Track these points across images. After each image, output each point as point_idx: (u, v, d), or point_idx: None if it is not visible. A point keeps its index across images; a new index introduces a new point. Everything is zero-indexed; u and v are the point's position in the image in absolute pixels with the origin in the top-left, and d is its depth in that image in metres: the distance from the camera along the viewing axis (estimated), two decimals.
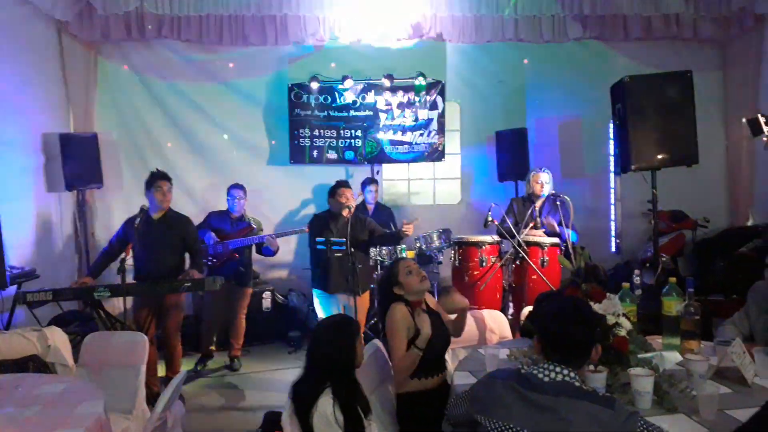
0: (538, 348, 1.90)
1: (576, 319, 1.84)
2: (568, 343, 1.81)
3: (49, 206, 5.64)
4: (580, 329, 1.81)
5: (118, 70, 6.39)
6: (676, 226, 6.39)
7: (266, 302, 5.83)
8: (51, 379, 2.71)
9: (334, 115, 6.53)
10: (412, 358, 2.68)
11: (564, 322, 1.83)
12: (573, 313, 1.86)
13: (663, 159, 4.33)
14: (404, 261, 2.94)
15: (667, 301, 2.76)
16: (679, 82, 4.34)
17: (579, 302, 1.96)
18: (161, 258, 4.21)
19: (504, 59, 6.74)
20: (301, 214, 6.51)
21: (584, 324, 1.83)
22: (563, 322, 1.83)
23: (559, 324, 1.83)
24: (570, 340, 1.81)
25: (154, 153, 6.43)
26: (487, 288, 4.69)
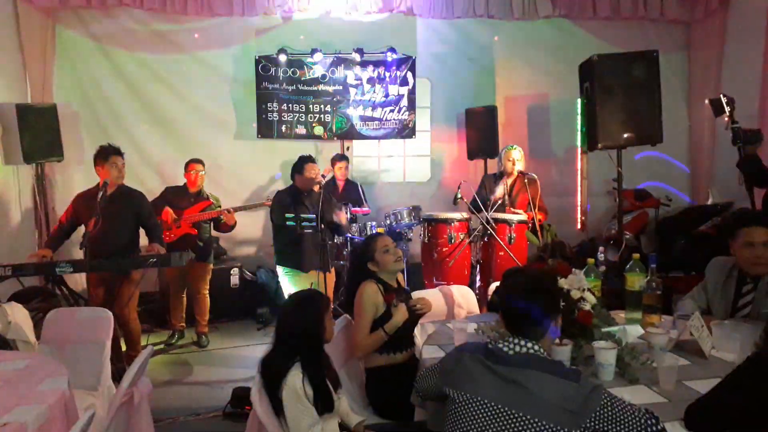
0: (502, 322, 1.93)
1: (529, 290, 1.86)
2: (521, 314, 1.83)
3: (6, 180, 5.44)
4: (533, 301, 1.83)
5: (78, 39, 6.14)
6: (640, 204, 6.53)
7: (234, 279, 5.78)
8: (12, 355, 2.64)
9: (303, 89, 6.43)
10: (376, 339, 2.71)
11: (518, 295, 1.86)
12: (526, 286, 1.88)
13: (629, 138, 4.40)
14: (383, 238, 2.92)
15: (630, 277, 2.84)
16: (645, 62, 4.40)
17: (535, 275, 1.98)
18: (114, 234, 4.10)
19: (474, 36, 6.73)
20: (269, 189, 6.41)
21: (538, 295, 1.84)
22: (517, 295, 1.86)
23: (514, 297, 1.86)
24: (523, 312, 1.83)
25: (116, 126, 6.24)
26: (456, 264, 4.73)
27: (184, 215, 4.98)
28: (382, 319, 2.75)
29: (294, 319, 2.22)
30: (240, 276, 5.81)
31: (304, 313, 2.21)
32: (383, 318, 2.75)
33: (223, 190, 6.04)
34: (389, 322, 2.72)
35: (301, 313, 2.21)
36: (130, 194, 4.33)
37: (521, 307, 1.83)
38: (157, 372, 4.48)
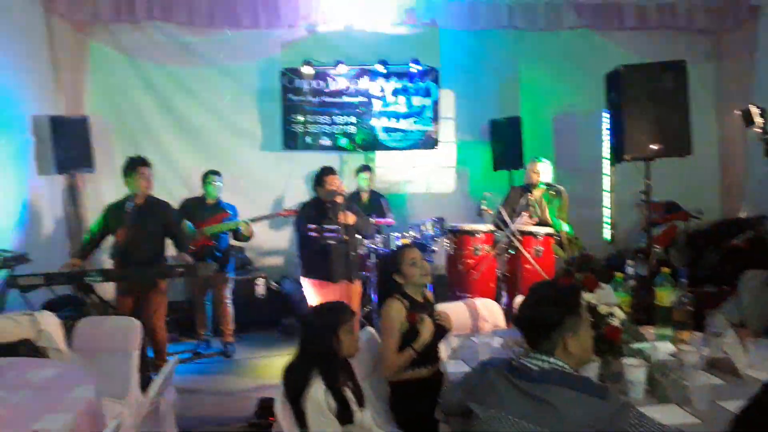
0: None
1: (538, 299, 1.83)
2: (527, 324, 1.80)
3: (39, 190, 5.57)
4: (539, 311, 1.79)
5: (109, 52, 6.28)
6: (669, 216, 6.42)
7: (259, 289, 5.81)
8: (43, 363, 2.70)
9: (327, 100, 6.49)
10: (406, 358, 2.68)
11: (526, 305, 1.83)
12: (537, 294, 1.85)
13: (657, 149, 4.32)
14: (411, 250, 2.90)
15: (660, 292, 2.78)
16: (673, 72, 4.34)
17: (547, 284, 1.95)
18: (141, 244, 4.17)
19: (498, 47, 6.70)
20: (294, 200, 6.46)
21: (545, 306, 1.79)
22: (525, 305, 1.83)
23: (522, 307, 1.84)
24: (529, 322, 1.80)
25: (146, 137, 6.36)
26: (481, 277, 4.70)
27: (203, 227, 5.03)
28: (408, 335, 2.72)
29: (313, 329, 2.22)
30: (265, 286, 5.84)
31: (323, 324, 2.22)
32: (409, 334, 2.72)
33: (249, 201, 6.13)
34: (417, 340, 2.69)
35: (320, 325, 2.22)
36: (157, 204, 4.40)
37: (526, 317, 1.80)
38: (184, 381, 4.52)
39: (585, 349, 1.80)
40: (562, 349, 1.75)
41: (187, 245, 4.41)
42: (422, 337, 2.68)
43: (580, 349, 1.76)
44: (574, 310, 1.77)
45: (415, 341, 2.68)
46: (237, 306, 5.40)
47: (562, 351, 1.75)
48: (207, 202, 5.17)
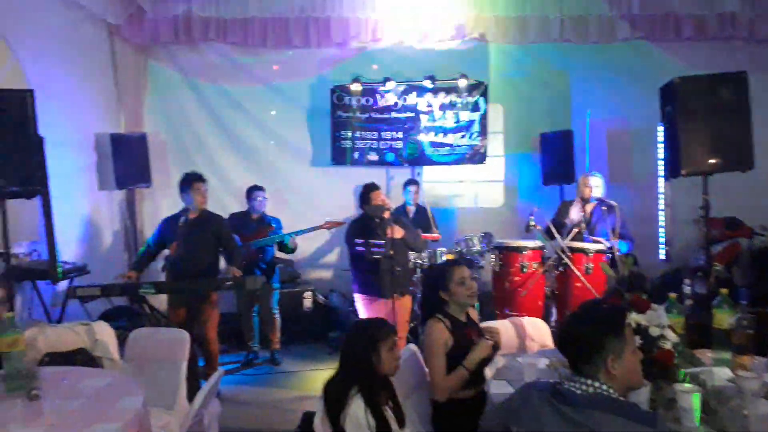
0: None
1: (581, 320, 1.76)
2: (572, 346, 1.74)
3: (100, 204, 5.83)
4: (582, 331, 1.73)
5: (167, 72, 6.55)
6: (730, 233, 6.12)
7: (307, 302, 5.88)
8: (96, 372, 2.79)
9: (375, 116, 6.54)
10: (458, 378, 2.62)
11: (567, 325, 1.77)
12: (578, 316, 1.79)
13: (715, 164, 4.14)
14: (461, 269, 2.83)
15: (719, 314, 2.65)
16: (733, 84, 4.15)
17: (590, 305, 1.88)
18: (196, 257, 4.29)
19: (549, 60, 6.62)
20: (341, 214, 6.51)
21: (587, 326, 1.73)
22: (567, 325, 1.77)
23: (564, 328, 1.78)
24: (573, 343, 1.74)
25: (200, 153, 6.58)
26: (529, 294, 4.59)
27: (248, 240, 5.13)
28: (453, 353, 2.67)
29: (353, 346, 2.22)
30: (313, 299, 5.90)
31: (363, 340, 2.21)
32: (455, 353, 2.67)
33: (298, 215, 6.22)
34: (468, 357, 2.62)
35: (361, 341, 2.21)
36: (212, 218, 4.52)
37: (567, 339, 1.74)
38: (231, 392, 4.60)
39: (631, 373, 1.73)
40: (605, 372, 1.68)
41: (239, 259, 4.49)
42: (473, 354, 2.62)
43: (625, 372, 1.69)
44: (617, 331, 1.71)
45: (465, 359, 2.62)
46: (284, 318, 5.50)
47: (605, 375, 1.68)
48: (252, 217, 5.28)
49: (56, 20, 5.16)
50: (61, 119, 5.17)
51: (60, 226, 4.92)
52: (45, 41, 4.96)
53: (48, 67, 4.98)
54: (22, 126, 3.56)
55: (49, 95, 4.92)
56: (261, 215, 5.34)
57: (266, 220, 5.36)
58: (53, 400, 2.23)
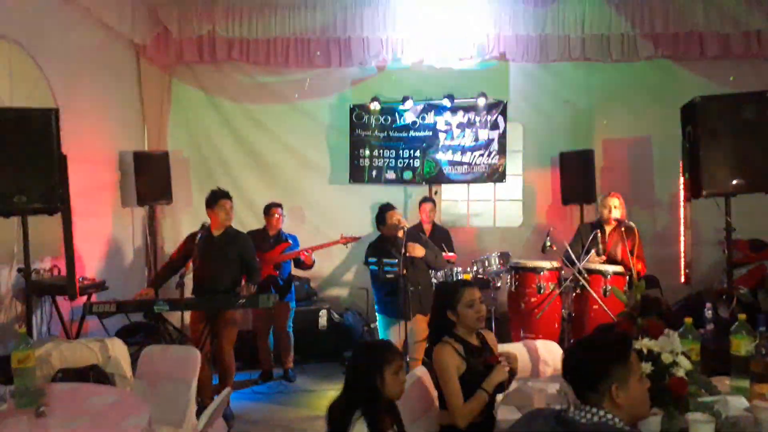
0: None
1: (586, 348, 1.73)
2: (575, 374, 1.70)
3: (123, 221, 5.95)
4: (586, 359, 1.69)
5: (190, 91, 6.68)
6: (755, 256, 5.96)
7: (322, 320, 5.87)
8: (104, 390, 2.81)
9: (393, 135, 6.56)
10: (478, 402, 2.54)
11: (571, 353, 1.73)
12: (582, 344, 1.76)
13: (738, 184, 4.04)
14: (471, 291, 2.74)
15: (736, 340, 2.56)
16: (755, 103, 4.06)
17: (596, 332, 1.83)
18: (220, 274, 4.32)
19: (570, 79, 6.58)
20: (358, 231, 6.54)
21: (591, 354, 1.69)
22: (571, 353, 1.73)
23: (568, 356, 1.73)
24: (577, 371, 1.70)
25: (222, 171, 6.66)
26: (545, 316, 4.51)
27: (266, 258, 5.16)
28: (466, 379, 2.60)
29: (358, 369, 2.19)
30: (328, 318, 5.89)
31: (368, 363, 2.18)
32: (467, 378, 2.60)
33: (316, 232, 6.26)
34: (487, 380, 2.55)
35: (365, 364, 2.19)
36: (236, 236, 4.53)
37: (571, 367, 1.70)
38: (243, 411, 4.60)
39: (637, 402, 1.68)
40: (609, 401, 1.63)
41: (257, 279, 4.49)
42: (493, 378, 2.55)
43: (630, 401, 1.64)
44: (622, 359, 1.66)
45: (484, 382, 2.55)
46: (300, 336, 5.51)
47: (610, 403, 1.64)
48: (269, 234, 5.31)
49: (85, 40, 5.32)
50: (87, 137, 5.31)
51: (82, 242, 5.04)
52: (73, 60, 5.11)
53: (75, 86, 5.12)
54: (46, 144, 3.65)
55: (76, 113, 5.07)
56: (278, 232, 5.37)
57: (283, 236, 5.39)
58: (60, 417, 2.25)
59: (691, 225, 6.13)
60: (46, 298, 4.47)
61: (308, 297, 6.13)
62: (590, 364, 1.67)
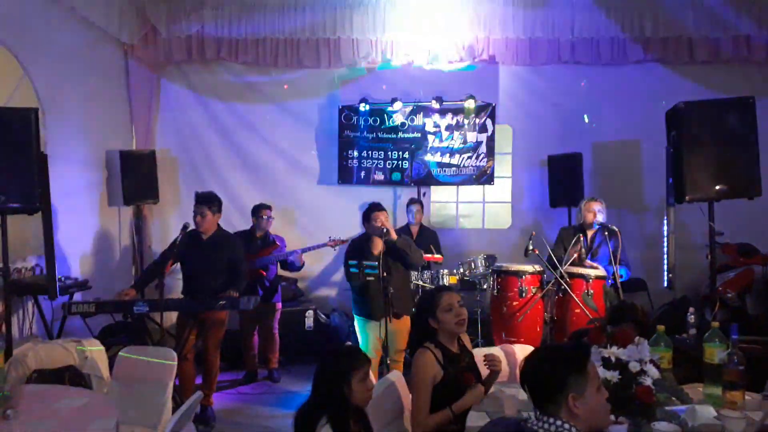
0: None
1: (543, 358, 1.72)
2: (532, 384, 1.71)
3: (109, 220, 5.93)
4: (542, 369, 1.69)
5: (179, 90, 6.66)
6: (744, 260, 5.97)
7: (309, 321, 5.85)
8: (75, 392, 2.80)
9: (382, 136, 6.56)
10: (441, 420, 2.54)
11: (528, 363, 1.73)
12: (539, 353, 1.77)
13: (720, 190, 4.04)
14: (449, 295, 2.75)
15: (709, 348, 2.56)
16: (739, 109, 4.06)
17: (567, 343, 1.83)
18: (208, 277, 4.28)
19: (560, 81, 6.58)
20: (347, 233, 6.53)
21: (548, 364, 1.69)
22: (528, 363, 1.73)
23: (525, 366, 1.73)
24: (534, 380, 1.70)
25: (210, 171, 6.65)
26: (527, 320, 4.50)
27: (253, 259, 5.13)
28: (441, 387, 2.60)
29: (325, 374, 2.18)
30: (314, 318, 5.87)
31: (335, 369, 2.17)
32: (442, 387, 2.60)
33: (305, 233, 6.26)
34: (459, 402, 2.54)
35: (332, 370, 2.17)
36: (225, 239, 4.47)
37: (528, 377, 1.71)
38: (227, 411, 4.59)
39: (595, 412, 1.67)
40: (567, 411, 1.63)
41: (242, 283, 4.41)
42: (465, 400, 2.54)
43: (587, 411, 1.64)
44: (578, 369, 1.66)
45: (455, 404, 2.54)
46: (286, 337, 5.49)
47: (567, 413, 1.63)
48: (256, 235, 5.29)
49: (71, 39, 5.30)
50: (74, 137, 5.30)
51: (68, 241, 5.03)
52: (59, 60, 5.09)
53: (61, 86, 5.10)
54: (26, 143, 3.63)
55: (62, 113, 5.06)
56: (265, 234, 5.34)
57: (270, 238, 5.37)
58: (26, 420, 2.24)
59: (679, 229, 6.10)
60: (28, 297, 4.47)
61: (295, 297, 6.12)
62: (546, 374, 1.67)
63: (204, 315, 4.24)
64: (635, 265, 5.48)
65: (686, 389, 2.48)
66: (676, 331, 4.45)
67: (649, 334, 2.63)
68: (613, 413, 1.96)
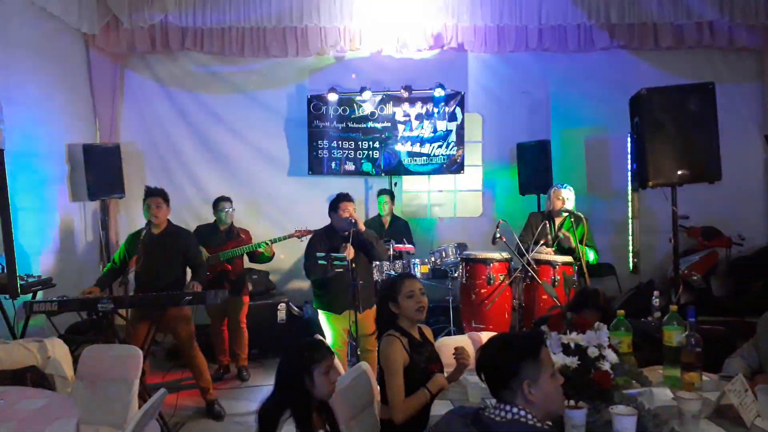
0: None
1: (497, 346, 1.75)
2: (488, 372, 1.73)
3: (72, 215, 5.80)
4: (497, 357, 1.72)
5: (143, 81, 6.53)
6: (708, 243, 6.11)
7: (281, 314, 5.81)
8: (34, 393, 2.75)
9: (352, 126, 6.52)
10: (419, 400, 2.58)
11: (484, 351, 1.75)
12: (494, 341, 1.78)
13: (682, 175, 4.12)
14: (411, 281, 2.79)
15: (668, 331, 2.61)
16: (700, 95, 4.13)
17: (520, 332, 1.86)
18: (161, 272, 4.21)
19: (528, 69, 6.61)
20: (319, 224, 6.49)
21: (502, 352, 1.72)
22: (483, 351, 1.74)
23: (481, 354, 1.75)
24: (489, 368, 1.73)
25: (177, 163, 6.56)
26: (495, 307, 4.54)
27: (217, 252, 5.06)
28: (408, 373, 2.63)
29: (286, 368, 2.17)
30: (287, 311, 5.84)
31: (296, 363, 2.15)
32: (409, 372, 2.63)
33: (275, 225, 6.21)
34: (432, 382, 2.59)
35: (293, 364, 2.16)
36: (177, 233, 4.42)
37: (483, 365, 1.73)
38: (197, 407, 4.54)
39: (550, 398, 1.70)
40: (522, 398, 1.65)
41: (203, 274, 4.40)
42: (436, 383, 2.59)
43: (542, 397, 1.66)
44: (532, 355, 1.68)
45: (429, 382, 2.58)
46: (258, 330, 5.43)
47: (523, 400, 1.65)
48: (220, 228, 5.20)
49: (28, 31, 5.15)
50: (34, 130, 5.16)
51: (30, 238, 4.91)
52: (16, 51, 4.95)
53: (20, 78, 4.97)
54: None
55: (21, 106, 4.93)
56: (229, 226, 5.25)
57: (234, 231, 5.28)
58: None
59: (646, 214, 6.22)
60: None
61: (267, 290, 6.07)
62: (501, 361, 1.69)
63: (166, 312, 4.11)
64: (604, 250, 5.56)
65: (646, 372, 2.53)
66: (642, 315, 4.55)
67: (612, 320, 2.67)
68: (572, 398, 1.99)
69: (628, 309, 2.84)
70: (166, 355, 5.51)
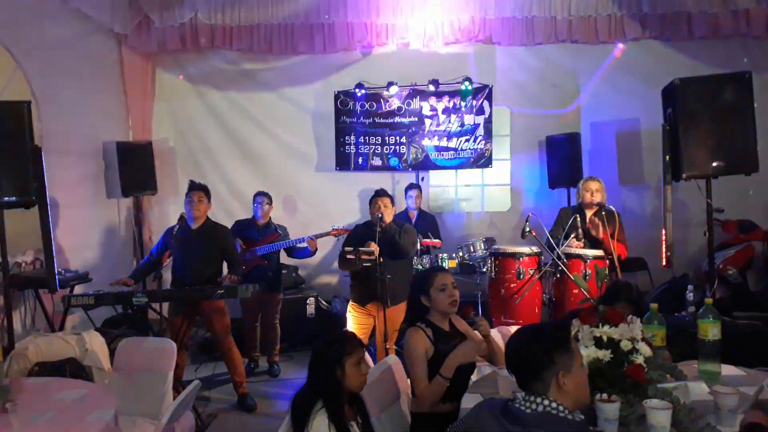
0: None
1: (528, 338, 1.73)
2: (519, 365, 1.72)
3: (108, 212, 5.95)
4: (529, 349, 1.70)
5: (175, 80, 6.65)
6: (744, 237, 5.95)
7: (310, 308, 5.86)
8: (76, 384, 2.82)
9: (379, 121, 6.52)
10: (438, 388, 2.60)
11: (513, 345, 1.73)
12: (523, 334, 1.77)
13: (717, 167, 4.01)
14: (443, 275, 2.80)
15: (703, 325, 2.56)
16: (735, 84, 4.02)
17: (548, 323, 1.84)
18: (198, 268, 4.27)
19: (557, 62, 6.52)
20: (345, 220, 6.52)
21: (534, 343, 1.70)
22: (512, 345, 1.73)
23: (509, 347, 1.73)
24: (521, 361, 1.71)
25: (208, 160, 6.66)
26: (525, 302, 4.50)
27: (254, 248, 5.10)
28: (434, 363, 2.64)
29: (319, 360, 2.19)
30: (316, 305, 5.89)
31: (328, 355, 2.18)
32: (435, 363, 2.64)
33: (304, 221, 6.26)
34: (444, 364, 2.60)
35: (326, 355, 2.18)
36: (215, 229, 4.46)
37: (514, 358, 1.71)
38: (228, 400, 4.61)
39: (580, 388, 1.70)
40: (556, 389, 1.64)
41: (239, 269, 4.45)
42: (450, 361, 2.58)
43: (575, 387, 1.66)
44: (564, 346, 1.67)
45: (441, 367, 2.59)
46: (288, 324, 5.48)
47: (556, 391, 1.65)
48: (258, 223, 5.25)
49: (63, 31, 5.28)
50: (70, 129, 5.29)
51: (67, 234, 5.05)
52: (52, 52, 5.08)
53: (55, 78, 5.10)
54: (19, 137, 3.63)
55: (56, 105, 5.06)
56: (267, 222, 5.29)
57: (272, 227, 5.32)
58: (25, 413, 2.26)
59: (680, 207, 6.08)
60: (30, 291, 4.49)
61: (296, 285, 6.13)
62: (534, 352, 1.68)
63: (201, 306, 4.20)
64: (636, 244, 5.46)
65: (682, 366, 2.48)
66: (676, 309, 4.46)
67: (644, 313, 2.63)
68: (605, 392, 1.97)
69: (661, 303, 2.79)
70: (198, 347, 5.60)
